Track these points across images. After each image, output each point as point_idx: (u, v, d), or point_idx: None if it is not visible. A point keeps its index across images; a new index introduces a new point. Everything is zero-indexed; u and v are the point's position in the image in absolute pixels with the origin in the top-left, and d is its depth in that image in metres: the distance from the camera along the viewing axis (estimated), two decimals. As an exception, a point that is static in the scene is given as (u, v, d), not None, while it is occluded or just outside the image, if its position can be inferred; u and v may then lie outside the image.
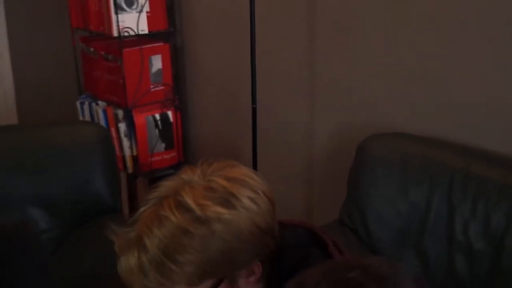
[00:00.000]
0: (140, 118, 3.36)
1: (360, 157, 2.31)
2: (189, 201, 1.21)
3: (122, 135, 3.33)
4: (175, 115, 3.47)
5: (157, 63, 3.36)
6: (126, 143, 3.34)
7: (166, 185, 1.27)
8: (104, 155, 2.44)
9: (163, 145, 3.48)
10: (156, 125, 3.42)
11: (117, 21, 3.15)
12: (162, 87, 3.41)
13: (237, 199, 1.23)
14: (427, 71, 2.33)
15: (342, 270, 1.01)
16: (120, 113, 3.35)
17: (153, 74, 3.36)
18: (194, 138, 3.55)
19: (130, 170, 3.39)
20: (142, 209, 1.26)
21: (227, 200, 1.22)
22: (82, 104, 3.56)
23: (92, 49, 3.47)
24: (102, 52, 3.38)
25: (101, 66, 3.41)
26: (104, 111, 3.41)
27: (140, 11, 3.21)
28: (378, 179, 2.24)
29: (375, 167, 2.25)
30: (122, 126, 3.33)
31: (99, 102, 3.49)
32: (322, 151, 2.76)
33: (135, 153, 3.39)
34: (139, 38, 3.30)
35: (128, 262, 1.23)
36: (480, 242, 2.01)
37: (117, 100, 3.37)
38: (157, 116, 3.41)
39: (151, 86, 3.37)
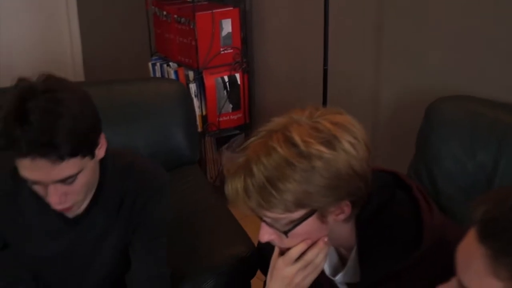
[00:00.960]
0: (210, 80, 3.50)
1: (430, 118, 2.39)
2: (296, 137, 1.35)
3: (193, 95, 3.48)
4: (242, 77, 3.61)
5: (227, 27, 3.49)
6: (196, 103, 3.49)
7: (277, 121, 1.41)
8: (184, 110, 2.58)
9: (231, 106, 3.63)
10: (225, 87, 3.57)
11: (190, -15, 3.29)
12: (231, 50, 3.55)
13: (338, 141, 1.36)
14: (494, 35, 2.41)
15: None
16: (191, 74, 3.50)
17: (223, 37, 3.50)
18: (260, 100, 3.69)
19: (199, 129, 3.54)
20: (252, 139, 1.41)
21: (330, 142, 1.36)
22: (153, 65, 3.71)
23: (164, 13, 3.61)
24: (175, 16, 3.52)
25: (174, 29, 3.56)
26: (176, 72, 3.56)
27: (213, -24, 3.34)
28: (447, 139, 2.32)
29: (444, 127, 2.33)
30: (193, 87, 3.48)
31: (171, 63, 3.64)
32: (388, 114, 2.86)
33: (204, 113, 3.54)
34: (210, 3, 3.44)
35: (234, 183, 1.39)
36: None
37: (189, 61, 3.51)
38: (226, 78, 3.56)
39: (221, 49, 3.51)
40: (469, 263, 1.11)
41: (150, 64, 3.73)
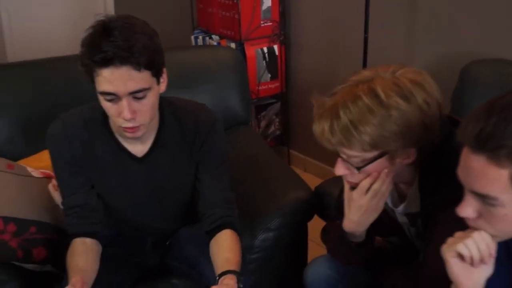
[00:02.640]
0: (250, 51, 3.78)
1: (464, 80, 2.64)
2: (379, 89, 1.62)
3: (235, 65, 3.74)
4: (280, 49, 3.88)
5: (267, 1, 3.76)
6: (237, 72, 3.75)
7: (363, 73, 1.69)
8: (239, 74, 2.85)
9: (269, 75, 3.90)
10: (264, 58, 3.84)
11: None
12: (270, 23, 3.82)
13: (414, 97, 1.63)
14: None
15: None
16: (233, 45, 3.76)
17: (263, 11, 3.76)
18: (296, 71, 3.95)
19: (240, 96, 3.80)
20: (341, 86, 1.69)
21: (406, 96, 1.62)
22: (196, 38, 3.98)
23: (207, -12, 3.87)
24: (219, -9, 3.79)
25: (216, 3, 3.83)
26: (218, 44, 3.82)
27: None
28: (480, 99, 2.56)
29: (477, 88, 2.58)
30: (235, 58, 3.74)
31: (213, 36, 3.90)
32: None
33: (245, 82, 3.81)
34: (252, -21, 3.71)
35: (322, 123, 1.67)
36: None
37: (231, 34, 3.78)
38: (265, 49, 3.83)
39: (261, 22, 3.78)
40: (476, 174, 1.37)
41: (192, 37, 3.99)
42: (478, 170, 1.35)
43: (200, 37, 3.97)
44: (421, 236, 1.91)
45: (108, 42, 1.75)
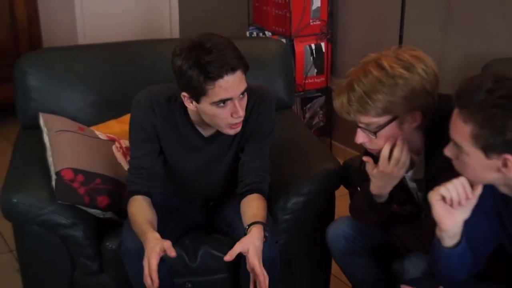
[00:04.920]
0: (299, 47, 4.13)
1: (485, 76, 2.93)
2: (385, 63, 1.96)
3: (284, 59, 4.07)
4: (327, 46, 4.21)
5: (316, 1, 4.10)
6: (286, 66, 4.08)
7: (370, 55, 2.03)
8: (285, 63, 3.19)
9: (315, 70, 4.24)
10: (312, 54, 4.18)
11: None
12: (319, 22, 4.16)
13: (415, 68, 1.97)
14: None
15: None
16: (284, 42, 4.09)
17: (313, 10, 4.11)
18: (340, 66, 4.27)
19: (288, 88, 4.14)
20: (352, 69, 2.03)
21: (408, 67, 1.96)
22: (251, 34, 4.33)
23: (263, -12, 4.23)
24: (273, -9, 4.14)
25: (270, 2, 4.19)
26: (270, 39, 4.16)
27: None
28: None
29: None
30: (285, 52, 4.08)
31: (266, 32, 4.25)
32: (452, 76, 3.39)
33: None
34: (303, -19, 4.05)
35: (340, 98, 2.02)
36: None
37: (282, 31, 4.13)
38: (313, 46, 4.18)
39: (310, 21, 4.12)
40: (452, 123, 1.71)
41: (247, 33, 4.35)
42: (454, 120, 1.70)
43: (255, 33, 4.31)
44: (427, 200, 2.23)
45: (214, 57, 2.05)
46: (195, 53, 2.08)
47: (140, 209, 2.33)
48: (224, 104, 2.15)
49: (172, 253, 2.14)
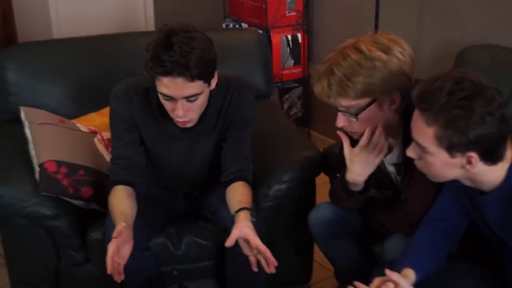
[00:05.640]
0: (276, 38, 4.16)
1: (459, 62, 2.96)
2: (363, 47, 2.01)
3: (261, 50, 4.10)
4: (303, 37, 4.26)
5: (292, -8, 4.14)
6: (264, 57, 4.12)
7: (347, 41, 2.07)
8: (262, 53, 3.23)
9: (292, 61, 4.28)
10: (288, 45, 4.22)
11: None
12: (295, 13, 4.20)
13: (392, 50, 2.02)
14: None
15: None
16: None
17: (288, 2, 4.14)
18: (317, 57, 4.31)
19: (265, 79, 4.17)
20: (330, 54, 2.07)
21: (385, 50, 2.01)
22: (227, 26, 4.35)
23: (238, -20, 4.25)
24: (248, -18, 4.17)
25: (246, -6, 4.21)
26: (246, 30, 4.19)
27: None
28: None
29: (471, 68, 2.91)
30: (262, 43, 4.11)
31: (242, 24, 4.29)
32: (427, 64, 3.46)
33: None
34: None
35: (321, 82, 2.06)
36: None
37: (258, 22, 4.17)
38: (289, 37, 4.21)
39: (286, 12, 4.16)
40: (414, 125, 1.78)
41: (224, 25, 4.37)
42: (416, 123, 1.76)
43: (231, 25, 4.33)
44: (405, 183, 2.28)
45: (168, 57, 2.07)
46: (159, 41, 2.11)
47: (117, 200, 2.36)
48: (166, 98, 2.20)
49: (116, 234, 2.16)
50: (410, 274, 1.96)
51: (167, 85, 2.15)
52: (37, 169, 2.50)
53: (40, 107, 2.84)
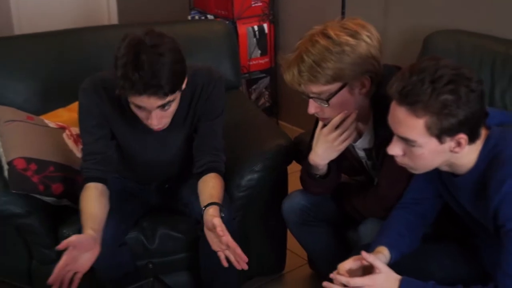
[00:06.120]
0: (242, 29, 4.16)
1: (426, 47, 2.99)
2: (331, 32, 2.01)
3: (228, 42, 4.10)
4: (269, 27, 4.26)
5: (257, -17, 4.14)
6: (230, 48, 4.11)
7: (315, 28, 2.07)
8: (230, 44, 3.22)
9: (259, 52, 4.28)
10: (254, 35, 4.23)
11: None
12: (260, 4, 4.20)
13: (360, 35, 2.03)
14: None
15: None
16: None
17: (254, -8, 4.14)
18: (283, 47, 4.31)
19: (233, 70, 4.17)
20: (299, 41, 2.07)
21: (353, 34, 2.02)
22: (193, 18, 4.33)
23: (202, -29, 4.24)
24: (213, -27, 4.16)
25: (211, -15, 4.20)
26: (213, 22, 4.18)
27: None
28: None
29: (437, 53, 2.93)
30: (228, 35, 4.10)
31: (208, 15, 4.27)
32: (394, 48, 3.47)
33: (237, 57, 4.17)
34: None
35: (291, 70, 2.06)
36: (514, 105, 2.70)
37: (225, 13, 4.16)
38: (256, 27, 4.21)
39: (252, 2, 4.16)
40: (399, 121, 1.77)
41: (189, 17, 4.35)
42: (401, 119, 1.76)
43: (196, 17, 4.32)
44: (376, 168, 2.30)
45: (139, 77, 2.03)
46: (128, 59, 2.06)
47: (88, 202, 2.32)
48: (140, 108, 2.18)
49: (60, 246, 2.13)
50: (384, 251, 1.98)
51: (141, 100, 2.13)
52: (6, 167, 2.46)
53: (6, 104, 2.80)
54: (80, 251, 2.13)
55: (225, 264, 2.19)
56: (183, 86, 2.23)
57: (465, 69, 1.73)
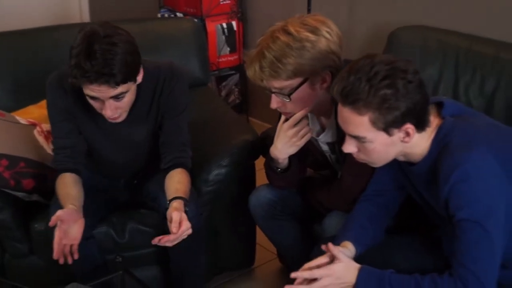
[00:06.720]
0: (211, 26, 4.20)
1: (391, 43, 3.04)
2: (291, 29, 2.07)
3: (197, 39, 4.14)
4: (238, 25, 4.31)
5: (225, -19, 4.18)
6: (200, 46, 4.15)
7: (276, 24, 2.12)
8: (199, 41, 3.26)
9: (228, 49, 4.33)
10: (223, 33, 4.27)
11: None
12: (229, 1, 4.25)
13: (320, 30, 2.08)
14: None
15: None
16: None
17: (222, -10, 4.19)
18: (252, 44, 4.34)
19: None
20: (261, 38, 2.12)
21: (313, 30, 2.08)
22: (162, 15, 4.37)
23: (171, -31, 4.27)
24: (181, -29, 4.20)
25: (180, -17, 4.24)
26: (182, 20, 4.21)
27: None
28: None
29: (401, 50, 2.98)
30: (197, 32, 4.14)
31: (177, 14, 4.31)
32: (360, 44, 3.54)
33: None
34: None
35: (253, 65, 2.11)
36: (477, 99, 2.73)
37: (193, 11, 4.20)
38: (224, 25, 4.26)
39: (221, 0, 4.20)
40: (346, 121, 1.85)
41: (159, 15, 4.39)
42: (347, 118, 1.83)
43: (166, 15, 4.35)
44: (339, 161, 2.36)
45: (91, 66, 2.07)
46: (81, 48, 2.10)
47: (65, 186, 2.38)
48: (94, 99, 2.22)
49: (52, 221, 2.18)
50: (349, 246, 2.03)
51: (93, 90, 2.16)
52: (-23, 162, 2.49)
53: (-24, 102, 2.82)
54: (69, 223, 2.20)
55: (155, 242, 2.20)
56: (138, 78, 2.27)
57: (400, 62, 1.79)
